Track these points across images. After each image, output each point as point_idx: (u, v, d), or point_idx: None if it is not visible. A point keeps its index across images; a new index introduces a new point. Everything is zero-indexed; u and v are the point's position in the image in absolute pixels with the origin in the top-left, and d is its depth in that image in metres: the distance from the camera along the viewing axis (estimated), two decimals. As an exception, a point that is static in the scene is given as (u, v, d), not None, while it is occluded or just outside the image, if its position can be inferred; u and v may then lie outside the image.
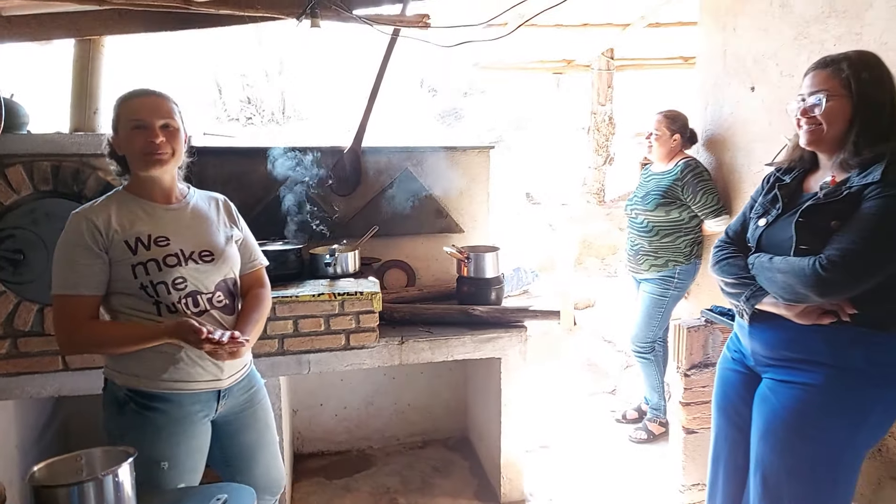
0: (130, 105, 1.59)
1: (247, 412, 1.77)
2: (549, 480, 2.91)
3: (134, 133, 1.56)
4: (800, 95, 1.62)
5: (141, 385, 1.57)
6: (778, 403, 1.61)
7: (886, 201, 1.43)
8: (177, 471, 1.57)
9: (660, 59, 5.87)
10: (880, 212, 1.44)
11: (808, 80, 1.61)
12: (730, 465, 1.83)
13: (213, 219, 1.74)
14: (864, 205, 1.47)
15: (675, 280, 3.07)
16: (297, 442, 3.15)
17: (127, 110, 1.58)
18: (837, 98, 1.53)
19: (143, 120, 1.56)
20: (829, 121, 1.55)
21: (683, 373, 2.40)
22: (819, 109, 1.55)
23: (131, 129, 1.56)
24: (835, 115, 1.54)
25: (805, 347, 1.58)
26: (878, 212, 1.44)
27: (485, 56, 5.63)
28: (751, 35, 2.77)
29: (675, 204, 3.00)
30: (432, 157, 3.13)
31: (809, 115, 1.58)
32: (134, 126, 1.56)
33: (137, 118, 1.56)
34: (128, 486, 1.21)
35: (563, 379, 4.24)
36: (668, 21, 4.57)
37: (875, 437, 1.62)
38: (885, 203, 1.44)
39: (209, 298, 1.63)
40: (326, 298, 2.39)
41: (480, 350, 2.62)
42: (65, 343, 1.53)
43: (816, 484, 1.56)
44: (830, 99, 1.54)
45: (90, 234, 1.52)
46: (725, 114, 3.00)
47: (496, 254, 2.82)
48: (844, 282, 1.46)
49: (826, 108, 1.54)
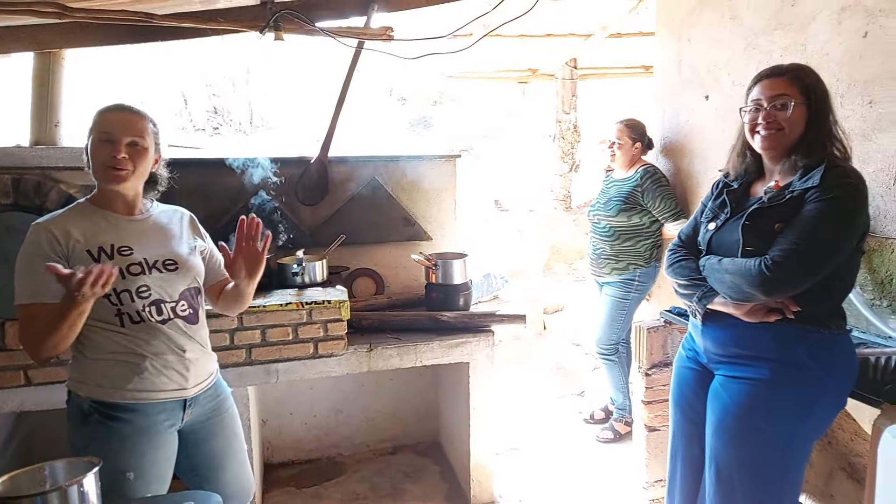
0: (105, 117, 1.61)
1: (213, 420, 1.77)
2: (519, 482, 2.96)
3: (100, 145, 1.58)
4: (753, 102, 1.67)
5: (105, 396, 1.57)
6: (728, 399, 1.68)
7: (825, 204, 1.52)
8: (143, 481, 1.57)
9: (621, 69, 6.01)
10: (819, 214, 1.52)
11: (762, 87, 1.66)
12: (687, 458, 1.90)
13: (176, 230, 1.75)
14: (805, 208, 1.55)
15: (635, 283, 3.16)
16: (267, 451, 3.14)
17: (100, 122, 1.61)
18: (798, 104, 1.61)
19: (111, 134, 1.58)
20: (790, 124, 1.61)
21: (644, 372, 2.48)
22: (786, 113, 1.60)
23: (99, 140, 1.58)
24: (797, 120, 1.61)
25: (753, 344, 1.66)
26: (817, 214, 1.52)
27: (451, 66, 5.70)
28: (704, 46, 2.88)
29: (636, 209, 3.10)
30: (400, 167, 3.17)
31: (771, 120, 1.63)
32: (102, 138, 1.58)
33: (106, 131, 1.58)
34: (93, 497, 1.22)
35: (533, 382, 4.30)
36: (628, 32, 4.70)
37: (820, 429, 1.70)
38: (824, 206, 1.52)
39: (173, 307, 1.64)
40: (294, 308, 2.41)
41: (449, 355, 2.66)
42: (34, 353, 1.52)
43: (766, 473, 1.64)
44: (796, 105, 1.60)
45: (48, 243, 1.52)
46: (682, 121, 3.10)
47: (464, 260, 2.87)
48: (788, 280, 1.54)
49: (791, 113, 1.60)
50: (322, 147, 3.02)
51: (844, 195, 1.53)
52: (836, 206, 1.52)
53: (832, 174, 1.54)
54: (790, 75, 1.63)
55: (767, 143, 1.66)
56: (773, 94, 1.63)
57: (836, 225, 1.52)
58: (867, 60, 2.04)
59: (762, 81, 1.67)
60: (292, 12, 2.61)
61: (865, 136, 2.03)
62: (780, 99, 1.61)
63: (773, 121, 1.63)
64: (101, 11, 2.36)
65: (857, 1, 2.06)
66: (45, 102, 2.68)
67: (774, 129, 1.63)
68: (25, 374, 2.16)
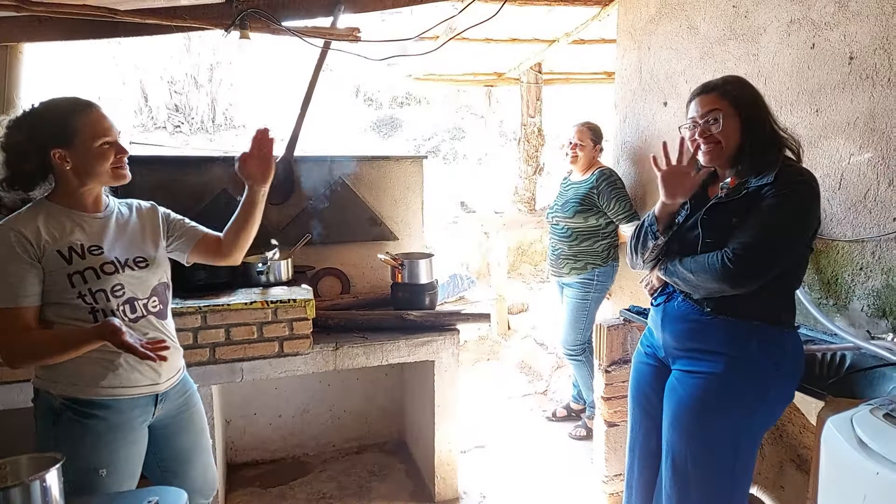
0: (91, 119, 1.55)
1: (182, 415, 1.78)
2: (484, 478, 3.01)
3: (103, 149, 1.56)
4: (690, 119, 1.76)
5: (79, 393, 1.56)
6: (684, 393, 1.75)
7: (780, 199, 1.60)
8: (115, 477, 1.56)
9: (585, 74, 6.13)
10: (775, 209, 1.60)
11: (695, 105, 1.74)
12: (644, 451, 1.96)
13: (140, 225, 1.74)
14: (762, 203, 1.63)
15: (594, 282, 3.24)
16: (231, 452, 3.12)
17: (89, 125, 1.54)
18: (730, 116, 1.68)
19: (110, 136, 1.57)
20: (726, 136, 1.69)
21: (604, 369, 2.55)
22: (717, 127, 1.68)
23: (100, 145, 1.55)
24: (730, 131, 1.69)
25: (707, 339, 1.73)
26: (773, 209, 1.60)
27: (418, 68, 5.73)
28: (663, 54, 2.98)
29: (592, 211, 3.18)
30: (366, 167, 3.18)
31: (707, 135, 1.71)
32: (105, 142, 1.56)
33: (106, 134, 1.56)
34: (55, 492, 1.21)
35: (497, 381, 4.36)
36: (590, 38, 4.80)
37: (770, 420, 1.79)
38: (779, 202, 1.60)
39: (145, 304, 1.64)
40: (259, 306, 2.40)
41: (415, 354, 2.68)
42: (11, 358, 1.49)
43: (718, 465, 1.71)
44: (725, 117, 1.68)
45: (20, 244, 1.48)
46: (642, 126, 3.20)
47: (430, 260, 2.90)
48: (750, 272, 1.61)
49: (723, 125, 1.68)
50: (288, 146, 3.02)
51: (799, 191, 1.61)
52: (790, 201, 1.60)
53: (786, 172, 1.63)
54: (718, 91, 1.71)
55: (709, 157, 1.74)
56: (704, 110, 1.71)
57: (791, 219, 1.61)
58: (814, 71, 2.14)
59: (695, 99, 1.76)
60: (259, 11, 2.60)
61: (812, 143, 2.14)
62: (711, 114, 1.69)
63: (709, 136, 1.71)
64: (61, 5, 2.32)
65: (804, 14, 2.17)
66: (2, 97, 2.62)
67: (712, 143, 1.71)
68: (-19, 373, 2.10)
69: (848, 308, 2.06)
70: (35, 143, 1.52)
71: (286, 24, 2.69)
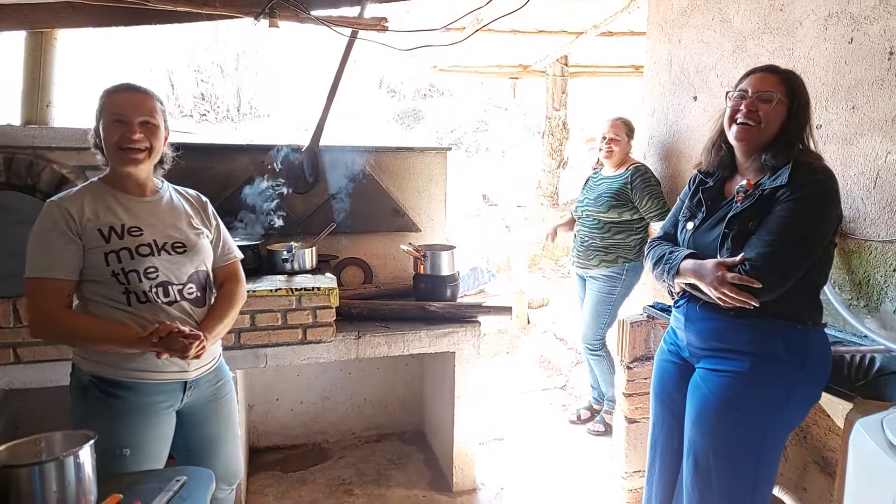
0: (114, 99, 1.62)
1: (211, 405, 1.79)
2: (501, 470, 3.01)
3: (113, 126, 1.59)
4: (740, 90, 1.71)
5: (105, 372, 1.59)
6: (708, 391, 1.74)
7: (795, 203, 1.57)
8: (138, 458, 1.59)
9: (612, 67, 6.07)
10: (791, 214, 1.57)
11: (752, 79, 1.70)
12: (666, 448, 1.95)
13: (186, 213, 1.77)
14: (776, 207, 1.60)
15: (622, 277, 3.20)
16: (253, 436, 3.17)
17: (110, 103, 1.61)
18: (781, 104, 1.66)
19: (124, 115, 1.59)
20: (768, 121, 1.66)
21: (626, 365, 2.53)
22: (768, 107, 1.65)
23: (111, 122, 1.59)
24: (775, 118, 1.66)
25: (732, 339, 1.71)
26: (788, 214, 1.58)
27: (443, 59, 5.72)
28: (694, 47, 2.93)
29: (626, 206, 3.15)
30: (390, 157, 3.19)
31: (752, 110, 1.67)
32: (114, 120, 1.59)
33: (118, 113, 1.59)
34: (88, 468, 1.24)
35: (517, 375, 4.35)
36: (619, 31, 4.75)
37: (795, 421, 1.76)
38: (794, 206, 1.57)
39: (180, 290, 1.66)
40: (284, 293, 2.43)
41: (436, 344, 2.69)
42: (38, 328, 1.54)
43: (741, 463, 1.69)
44: (777, 103, 1.65)
45: (64, 220, 1.54)
46: (670, 121, 3.16)
47: (452, 252, 2.90)
48: (769, 283, 1.58)
49: (773, 108, 1.65)
50: (313, 135, 3.04)
51: (814, 192, 1.58)
52: (806, 205, 1.57)
53: (800, 172, 1.60)
54: (782, 75, 1.68)
55: (741, 133, 1.69)
56: (762, 87, 1.67)
57: (808, 223, 1.58)
58: (851, 66, 2.09)
59: (754, 74, 1.71)
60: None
61: (847, 140, 2.09)
62: (767, 93, 1.66)
63: (754, 111, 1.67)
64: (95, -8, 2.35)
65: (843, 8, 2.11)
66: (37, 82, 2.66)
67: (752, 121, 1.67)
68: (15, 351, 2.16)
69: (879, 310, 2.02)
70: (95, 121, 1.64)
71: (314, 13, 2.70)
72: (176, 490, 1.34)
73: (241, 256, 1.93)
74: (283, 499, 2.73)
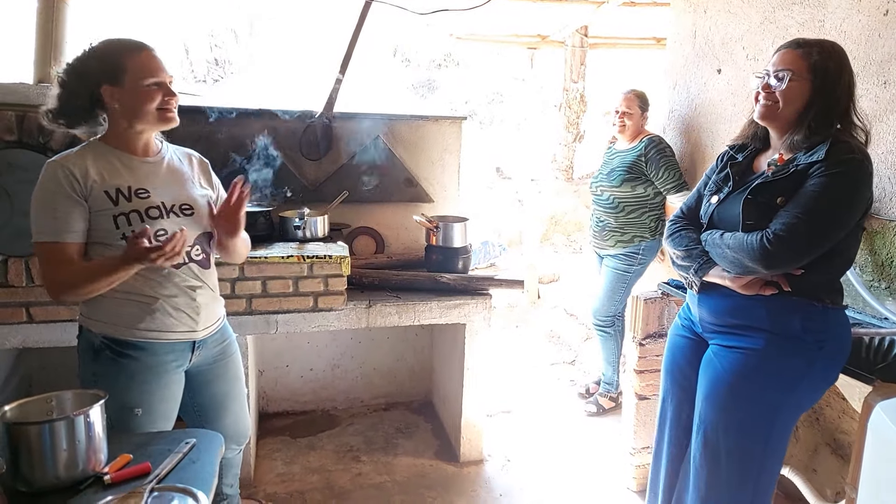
0: (142, 60, 1.56)
1: (219, 364, 1.81)
2: (508, 442, 3.02)
3: (150, 91, 1.55)
4: (765, 70, 1.67)
5: (117, 333, 1.59)
6: (721, 367, 1.71)
7: (829, 179, 1.52)
8: (149, 417, 1.61)
9: (633, 39, 5.93)
10: (822, 189, 1.52)
11: (777, 56, 1.65)
12: (675, 424, 1.93)
13: (189, 173, 1.75)
14: (808, 182, 1.55)
15: (639, 256, 3.16)
16: (263, 401, 3.19)
17: (138, 65, 1.55)
18: (800, 80, 1.59)
19: (159, 78, 1.57)
20: (786, 100, 1.60)
21: (639, 342, 2.51)
22: (780, 85, 1.60)
23: (148, 86, 1.55)
24: (793, 95, 1.60)
25: (748, 315, 1.68)
26: (820, 189, 1.52)
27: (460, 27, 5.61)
28: (720, 18, 2.84)
29: (640, 179, 3.08)
30: (404, 126, 3.14)
31: (769, 91, 1.63)
32: (152, 83, 1.55)
33: (153, 76, 1.56)
34: (98, 428, 1.24)
35: (527, 349, 4.35)
36: (642, 1, 4.62)
37: (808, 401, 1.74)
38: (827, 181, 1.52)
39: (188, 252, 1.65)
40: (295, 261, 2.42)
41: (446, 316, 2.68)
42: (54, 290, 1.53)
43: (750, 439, 1.68)
44: (794, 79, 1.59)
45: (68, 181, 1.51)
46: (693, 94, 3.08)
47: (465, 224, 2.87)
48: (789, 255, 1.55)
49: (787, 87, 1.59)
50: (327, 102, 2.99)
51: (848, 171, 1.53)
52: (839, 181, 1.52)
53: (837, 149, 1.54)
54: (803, 51, 1.60)
55: (762, 112, 1.66)
56: (779, 65, 1.62)
57: (838, 200, 1.53)
58: (885, 39, 2.02)
59: (780, 51, 1.66)
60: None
61: (877, 118, 2.03)
62: (781, 72, 1.61)
63: (770, 92, 1.63)
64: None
65: (880, -23, 2.03)
66: (50, 41, 2.63)
67: (771, 100, 1.63)
68: (27, 311, 2.17)
69: (901, 292, 1.98)
70: (87, 79, 1.55)
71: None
72: (185, 452, 1.35)
73: None
74: (291, 463, 2.76)
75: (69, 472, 1.22)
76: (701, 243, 1.76)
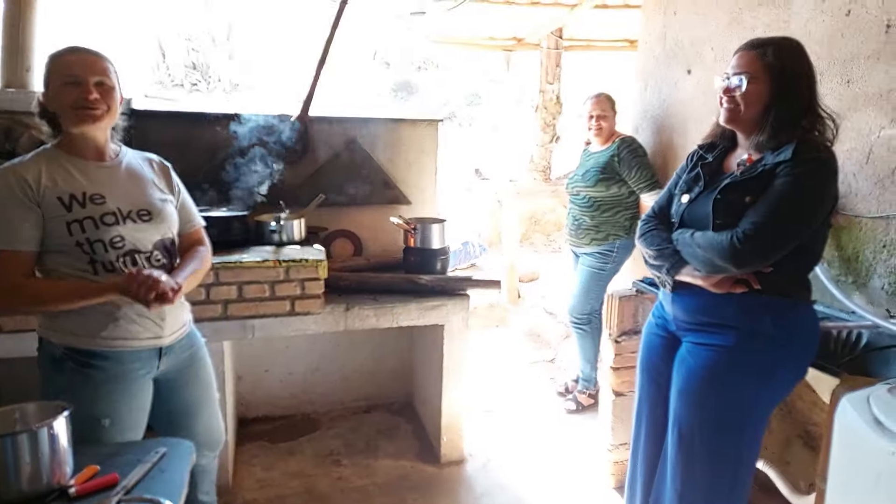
0: (63, 61, 1.55)
1: (188, 370, 1.78)
2: (489, 442, 3.04)
3: (66, 88, 1.53)
4: (725, 73, 1.69)
5: (79, 343, 1.56)
6: (694, 364, 1.74)
7: (795, 178, 1.55)
8: (118, 428, 1.58)
9: (606, 41, 5.98)
10: (789, 188, 1.55)
11: (735, 59, 1.67)
12: (650, 421, 1.96)
13: (148, 178, 1.72)
14: (775, 181, 1.58)
15: (613, 254, 3.20)
16: (242, 407, 3.17)
17: (60, 66, 1.55)
18: (758, 81, 1.61)
19: (77, 76, 1.53)
20: (746, 102, 1.63)
21: (614, 339, 2.53)
22: (739, 91, 1.63)
23: (63, 84, 1.53)
24: (753, 97, 1.62)
25: (719, 313, 1.70)
26: (787, 188, 1.55)
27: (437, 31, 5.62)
28: (689, 19, 2.88)
29: (614, 179, 3.12)
30: (381, 128, 3.14)
31: (730, 95, 1.65)
32: (66, 81, 1.53)
33: (70, 73, 1.53)
34: (63, 440, 1.22)
35: (507, 348, 4.37)
36: (615, 3, 4.67)
37: (780, 395, 1.77)
38: (793, 180, 1.55)
39: (147, 257, 1.63)
40: (271, 265, 2.40)
41: (425, 317, 2.69)
42: (3, 301, 1.51)
43: (725, 435, 1.70)
44: (751, 81, 1.61)
45: (20, 188, 1.48)
46: (664, 95, 3.12)
47: (442, 225, 2.88)
48: (758, 254, 1.58)
49: (746, 89, 1.62)
50: (303, 105, 2.98)
51: (814, 169, 1.56)
52: (805, 181, 1.55)
53: (802, 148, 1.56)
54: (758, 52, 1.62)
55: (725, 117, 1.69)
56: (737, 68, 1.64)
57: (805, 199, 1.56)
58: (848, 39, 2.06)
59: (737, 53, 1.68)
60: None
61: (841, 115, 2.06)
62: (738, 75, 1.63)
63: (731, 96, 1.65)
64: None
65: (841, -21, 2.08)
66: (17, 46, 2.59)
67: (733, 104, 1.65)
68: (-5, 321, 2.13)
69: (867, 286, 2.02)
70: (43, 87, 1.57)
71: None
72: (154, 462, 1.33)
73: (203, 224, 1.91)
74: (270, 469, 2.74)
75: (33, 486, 1.20)
76: (672, 243, 1.78)
